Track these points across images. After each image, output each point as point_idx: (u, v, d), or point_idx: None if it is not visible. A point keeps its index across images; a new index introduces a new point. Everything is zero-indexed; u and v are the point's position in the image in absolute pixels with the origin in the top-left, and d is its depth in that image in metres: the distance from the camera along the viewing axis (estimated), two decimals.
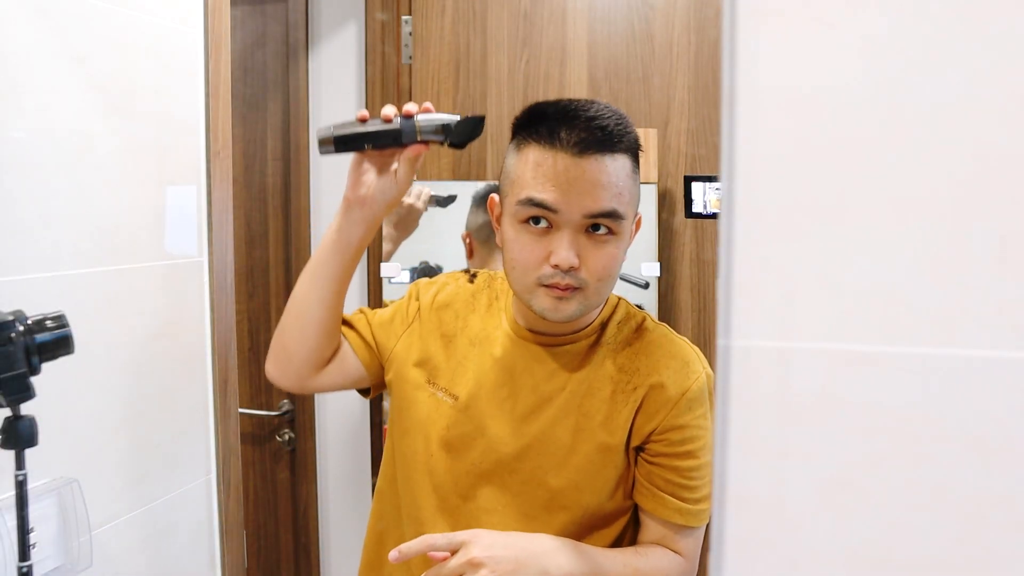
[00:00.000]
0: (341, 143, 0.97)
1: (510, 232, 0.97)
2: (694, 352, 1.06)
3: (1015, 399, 0.37)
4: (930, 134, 0.38)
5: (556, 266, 0.93)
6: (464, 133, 0.97)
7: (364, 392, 1.19)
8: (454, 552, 0.93)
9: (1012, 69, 0.37)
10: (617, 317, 1.06)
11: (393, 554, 0.92)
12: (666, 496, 1.01)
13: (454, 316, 1.11)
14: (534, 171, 0.93)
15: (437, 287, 1.15)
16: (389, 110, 0.97)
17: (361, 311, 1.16)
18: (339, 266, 1.05)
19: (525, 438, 1.02)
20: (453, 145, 0.98)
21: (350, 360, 1.13)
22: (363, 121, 0.97)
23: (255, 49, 2.06)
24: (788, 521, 0.40)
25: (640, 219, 1.03)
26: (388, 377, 1.13)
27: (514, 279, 0.99)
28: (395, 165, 1.00)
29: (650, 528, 1.04)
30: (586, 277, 0.94)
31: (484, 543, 0.93)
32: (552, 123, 0.93)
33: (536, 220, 0.94)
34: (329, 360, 1.11)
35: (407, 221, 1.87)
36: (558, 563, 0.95)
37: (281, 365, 1.11)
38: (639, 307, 1.12)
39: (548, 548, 0.96)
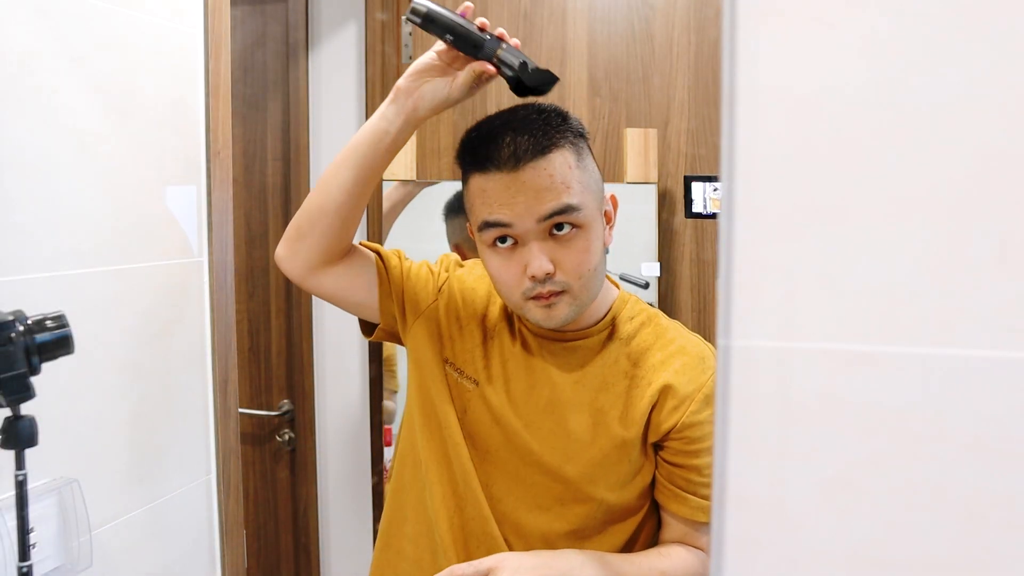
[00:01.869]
0: (429, 20, 0.95)
1: (485, 258, 1.00)
2: (708, 348, 1.07)
3: (1015, 399, 0.37)
4: (930, 134, 0.38)
5: (533, 277, 0.94)
6: (535, 80, 0.96)
7: (368, 330, 1.17)
8: None
9: (1012, 69, 0.37)
10: (629, 313, 1.07)
11: None
12: (688, 496, 1.02)
13: (479, 302, 1.11)
14: (481, 197, 0.96)
15: (466, 270, 1.15)
16: (485, 21, 0.97)
17: (398, 254, 1.15)
18: (370, 155, 1.03)
19: (541, 431, 1.03)
20: (518, 86, 0.96)
21: (365, 277, 1.11)
22: (461, 16, 0.97)
23: (255, 49, 2.06)
24: (788, 521, 0.40)
25: (613, 198, 1.03)
26: (409, 339, 1.12)
27: (504, 300, 1.02)
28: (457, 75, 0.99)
29: (672, 527, 1.05)
30: (565, 279, 0.95)
31: (511, 567, 0.93)
32: (481, 148, 0.95)
33: (503, 240, 0.96)
34: (341, 260, 1.10)
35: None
36: None
37: (292, 245, 1.10)
38: (650, 304, 1.12)
39: (574, 564, 0.96)
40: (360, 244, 1.14)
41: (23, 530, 0.85)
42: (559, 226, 0.94)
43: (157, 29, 1.17)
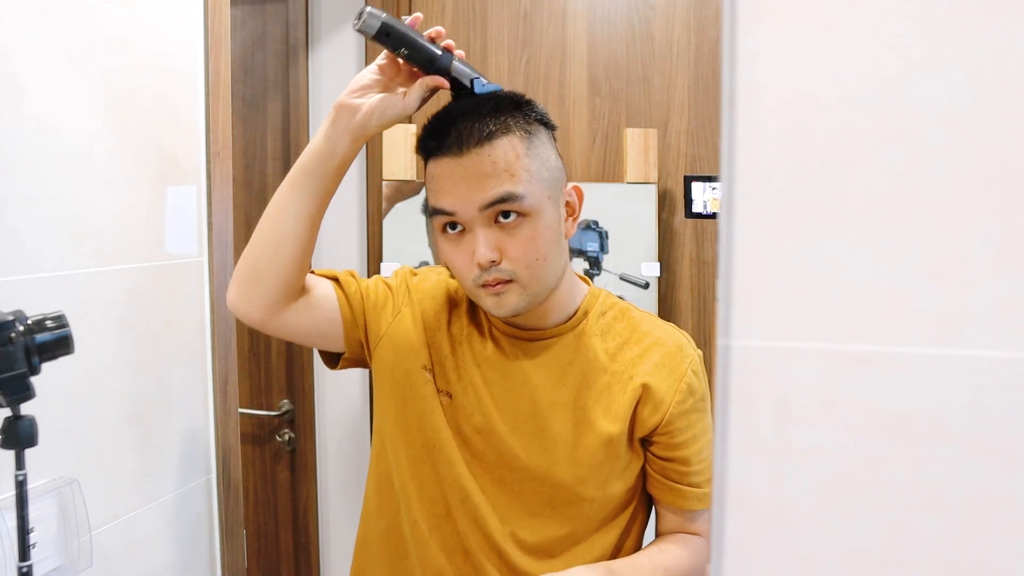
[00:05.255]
0: (384, 33, 0.91)
1: (438, 245, 0.99)
2: (683, 336, 1.07)
3: (1015, 399, 0.37)
4: (930, 134, 0.38)
5: (479, 265, 0.93)
6: (483, 95, 0.96)
7: (332, 360, 1.12)
8: None
9: (1013, 69, 0.37)
10: (600, 308, 1.06)
11: None
12: (682, 487, 1.03)
13: (440, 310, 1.08)
14: (431, 183, 0.95)
15: (420, 278, 1.12)
16: (440, 29, 0.96)
17: (353, 276, 1.11)
18: (319, 177, 0.99)
19: (524, 435, 1.01)
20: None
21: (325, 307, 1.06)
22: (412, 27, 0.94)
23: (255, 49, 2.06)
24: (788, 521, 0.40)
25: (577, 190, 1.01)
26: (375, 362, 1.09)
27: (461, 285, 1.00)
28: (404, 90, 0.97)
29: (668, 518, 1.06)
30: (511, 267, 0.93)
31: None
32: (434, 134, 0.94)
33: (452, 226, 0.95)
34: (299, 296, 1.04)
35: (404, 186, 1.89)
36: None
37: (246, 287, 1.02)
38: (620, 297, 1.12)
39: None
40: (312, 273, 1.08)
41: (23, 530, 0.85)
42: (505, 214, 0.92)
43: (157, 29, 1.17)
